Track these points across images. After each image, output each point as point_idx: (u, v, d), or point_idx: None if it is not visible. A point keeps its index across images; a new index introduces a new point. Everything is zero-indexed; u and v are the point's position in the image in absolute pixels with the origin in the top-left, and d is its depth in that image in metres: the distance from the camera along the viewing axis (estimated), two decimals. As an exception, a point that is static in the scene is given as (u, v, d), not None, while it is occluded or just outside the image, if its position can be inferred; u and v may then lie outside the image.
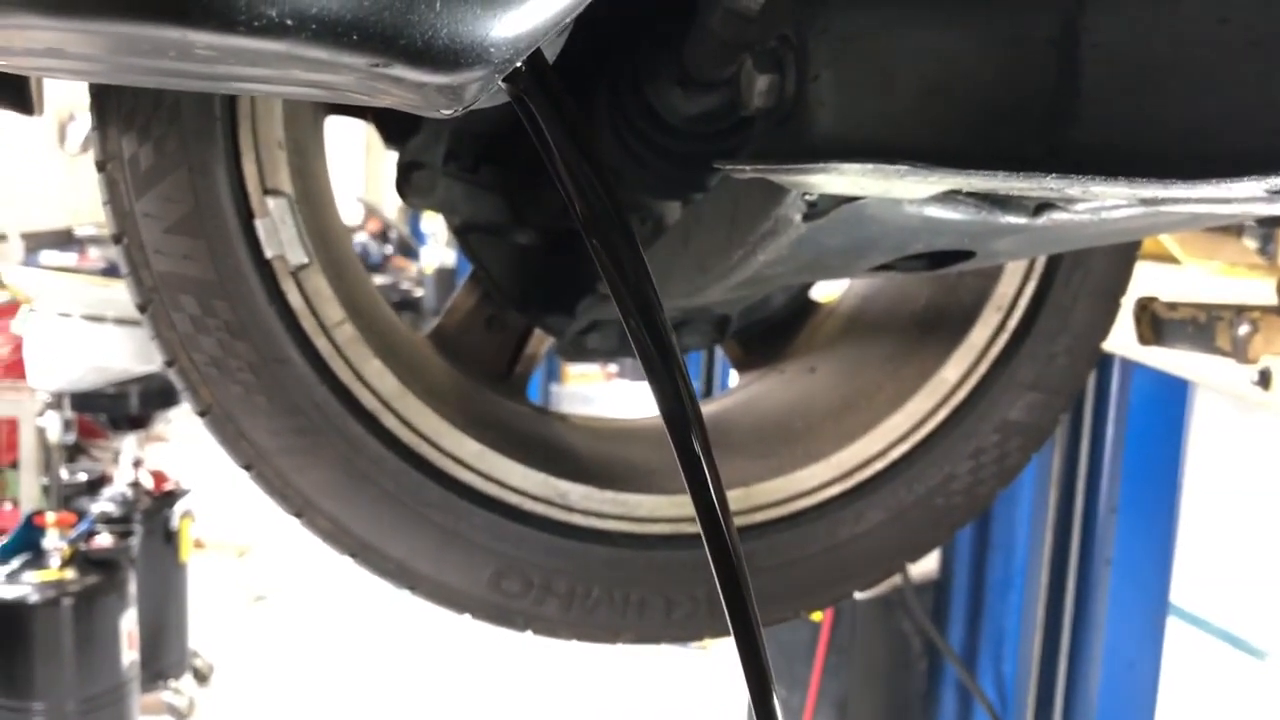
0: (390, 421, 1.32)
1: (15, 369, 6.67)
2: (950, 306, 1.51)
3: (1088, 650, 3.34)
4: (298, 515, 1.33)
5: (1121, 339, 1.63)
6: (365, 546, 1.33)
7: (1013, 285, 1.44)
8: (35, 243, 10.96)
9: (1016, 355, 1.44)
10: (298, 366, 1.28)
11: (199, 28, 0.39)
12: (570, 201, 0.56)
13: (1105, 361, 3.18)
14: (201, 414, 1.31)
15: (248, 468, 1.31)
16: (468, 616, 1.40)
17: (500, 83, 0.55)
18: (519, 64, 0.54)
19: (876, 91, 0.77)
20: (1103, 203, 0.84)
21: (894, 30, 0.77)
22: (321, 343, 1.29)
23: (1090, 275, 1.43)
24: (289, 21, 0.40)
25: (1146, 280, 1.87)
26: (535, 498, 1.37)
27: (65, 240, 11.22)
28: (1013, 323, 1.44)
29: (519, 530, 1.36)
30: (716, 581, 0.56)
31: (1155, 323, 1.64)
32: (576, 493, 1.39)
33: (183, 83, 0.52)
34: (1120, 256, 1.45)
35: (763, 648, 0.58)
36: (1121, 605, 3.27)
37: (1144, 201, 0.81)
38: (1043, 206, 0.89)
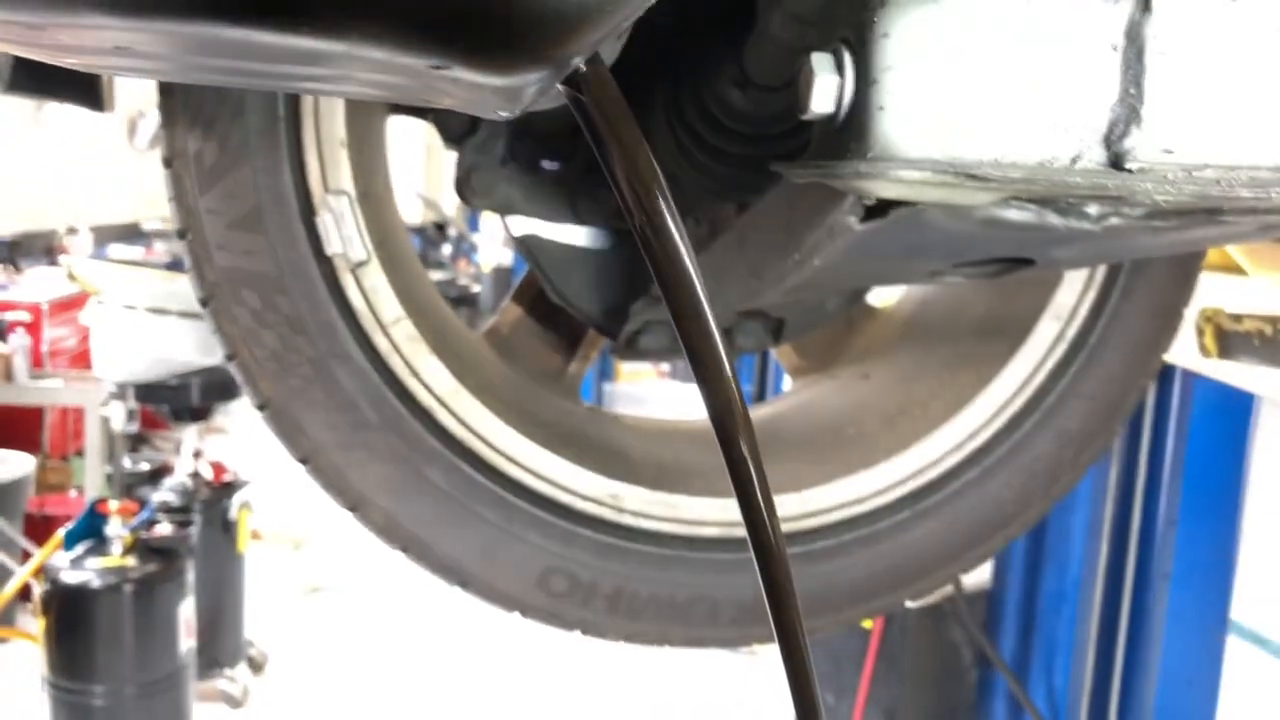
0: (445, 418, 1.33)
1: (82, 359, 6.82)
2: (1008, 315, 1.49)
3: (1143, 666, 3.29)
4: (352, 509, 1.35)
5: (1183, 351, 1.60)
6: (417, 542, 1.35)
7: (1072, 294, 1.42)
8: (104, 236, 11.18)
9: (1074, 365, 1.42)
10: (356, 362, 1.30)
11: (261, 27, 0.40)
12: (624, 204, 0.56)
13: (1166, 373, 3.13)
14: (260, 407, 1.33)
15: (304, 461, 1.33)
16: (517, 615, 1.40)
17: (558, 84, 0.55)
18: (577, 66, 0.54)
19: (936, 96, 0.76)
20: (1165, 211, 0.83)
21: (955, 35, 0.76)
22: (379, 339, 1.31)
23: (1152, 285, 1.41)
24: (350, 22, 0.41)
25: (1211, 291, 1.83)
26: (586, 497, 1.38)
27: (133, 234, 11.43)
28: (1071, 332, 1.42)
29: (568, 529, 1.36)
30: (761, 586, 0.56)
31: (1220, 335, 1.61)
32: (627, 493, 1.39)
33: (246, 81, 0.53)
34: (1183, 267, 1.43)
35: (807, 654, 0.58)
36: (1179, 621, 3.21)
37: (1208, 211, 0.80)
38: (1104, 214, 0.88)
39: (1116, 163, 0.74)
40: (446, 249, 13.05)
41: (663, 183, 0.56)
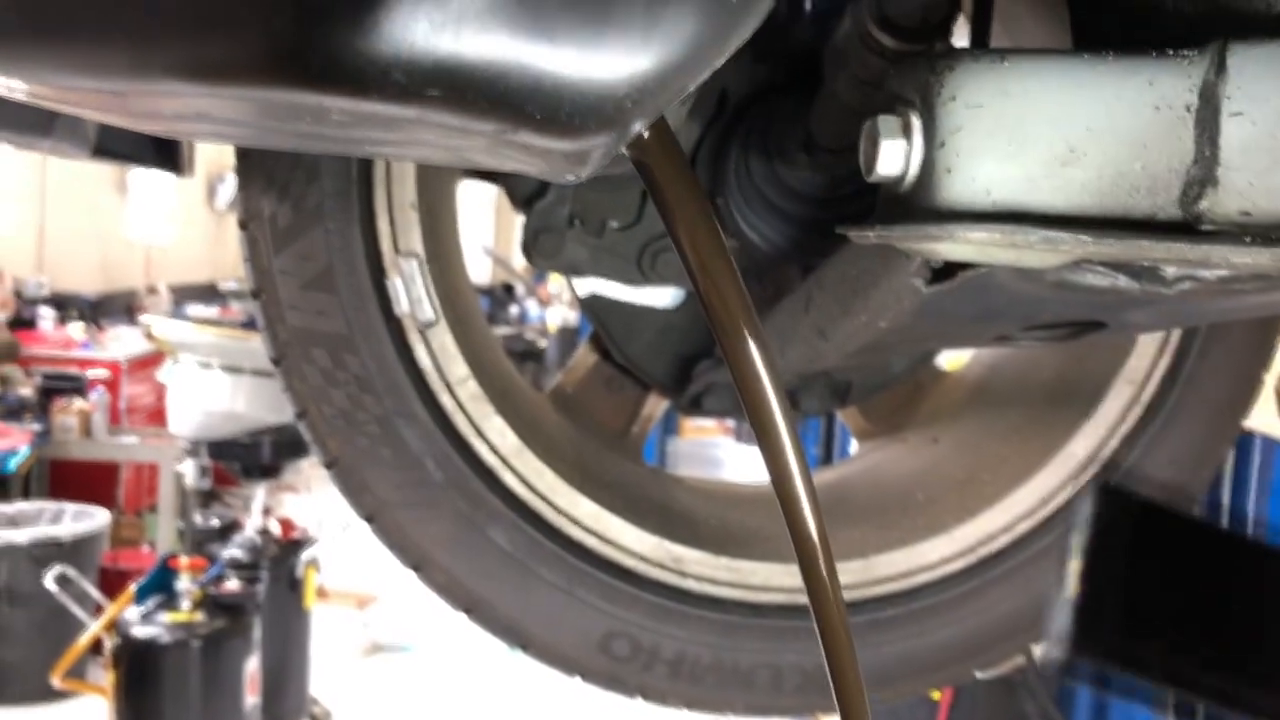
0: (508, 478, 1.34)
1: (158, 417, 6.98)
2: (1080, 379, 1.47)
3: (1227, 743, 3.16)
4: (415, 568, 1.35)
5: (1264, 416, 1.55)
6: (479, 603, 1.34)
7: (1146, 359, 1.39)
8: (182, 296, 11.49)
9: (1149, 431, 1.39)
10: (422, 421, 1.31)
11: (333, 93, 0.41)
12: (688, 267, 0.56)
13: (1246, 439, 3.04)
14: (328, 465, 1.34)
15: (369, 519, 1.34)
16: (578, 679, 1.39)
17: (623, 149, 0.56)
18: (642, 130, 0.55)
19: (1004, 158, 0.75)
20: (1241, 274, 0.81)
21: (1023, 96, 0.76)
22: (445, 399, 1.32)
23: (1230, 350, 1.37)
24: (419, 88, 0.42)
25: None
26: (648, 561, 1.37)
27: (210, 294, 11.74)
28: (1146, 397, 1.39)
29: (631, 593, 1.35)
30: (823, 656, 0.54)
31: (1301, 401, 1.57)
32: (690, 557, 1.38)
33: (319, 145, 0.55)
34: (1262, 330, 1.39)
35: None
36: (1265, 697, 3.09)
37: (1288, 274, 0.78)
38: (1180, 277, 0.86)
39: (1192, 225, 0.72)
40: (514, 309, 13.20)
41: (725, 247, 0.56)
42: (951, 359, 1.93)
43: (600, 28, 0.43)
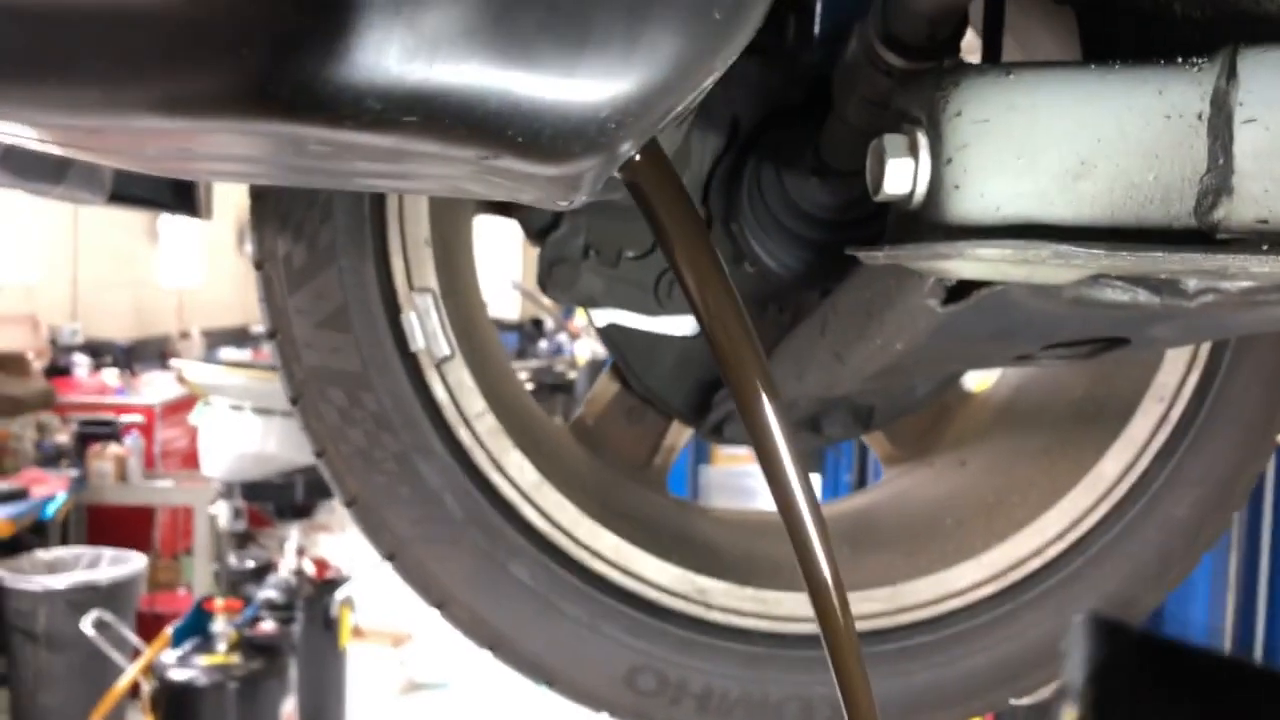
0: (529, 513, 1.32)
1: (192, 460, 7.02)
2: (1108, 397, 1.44)
3: (1277, 769, 3.08)
4: (438, 607, 1.34)
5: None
6: (502, 639, 1.33)
7: (1175, 374, 1.36)
8: (215, 340, 11.60)
9: (1181, 449, 1.36)
10: (440, 457, 1.30)
11: (308, 123, 0.40)
12: (685, 290, 0.55)
13: (1287, 455, 2.98)
14: (348, 504, 1.34)
15: (390, 558, 1.33)
16: (605, 714, 1.37)
17: (615, 173, 0.55)
18: (632, 153, 0.54)
19: (1013, 173, 0.74)
20: (1264, 285, 0.79)
21: (1031, 110, 0.74)
22: (463, 433, 1.31)
23: (1261, 362, 1.34)
24: (395, 115, 0.41)
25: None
26: (673, 593, 1.35)
27: (242, 337, 11.85)
28: (1176, 414, 1.36)
29: (655, 626, 1.33)
30: (837, 689, 0.53)
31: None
32: (715, 589, 1.36)
33: (308, 179, 0.54)
34: (1294, 342, 1.36)
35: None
36: (1315, 719, 3.01)
37: (1311, 283, 0.76)
38: (1201, 290, 0.84)
39: (1208, 235, 0.70)
40: (544, 344, 13.22)
41: (722, 267, 0.55)
42: (979, 380, 1.91)
43: (578, 49, 0.43)
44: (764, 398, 0.53)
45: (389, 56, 0.40)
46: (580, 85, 0.44)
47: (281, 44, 0.39)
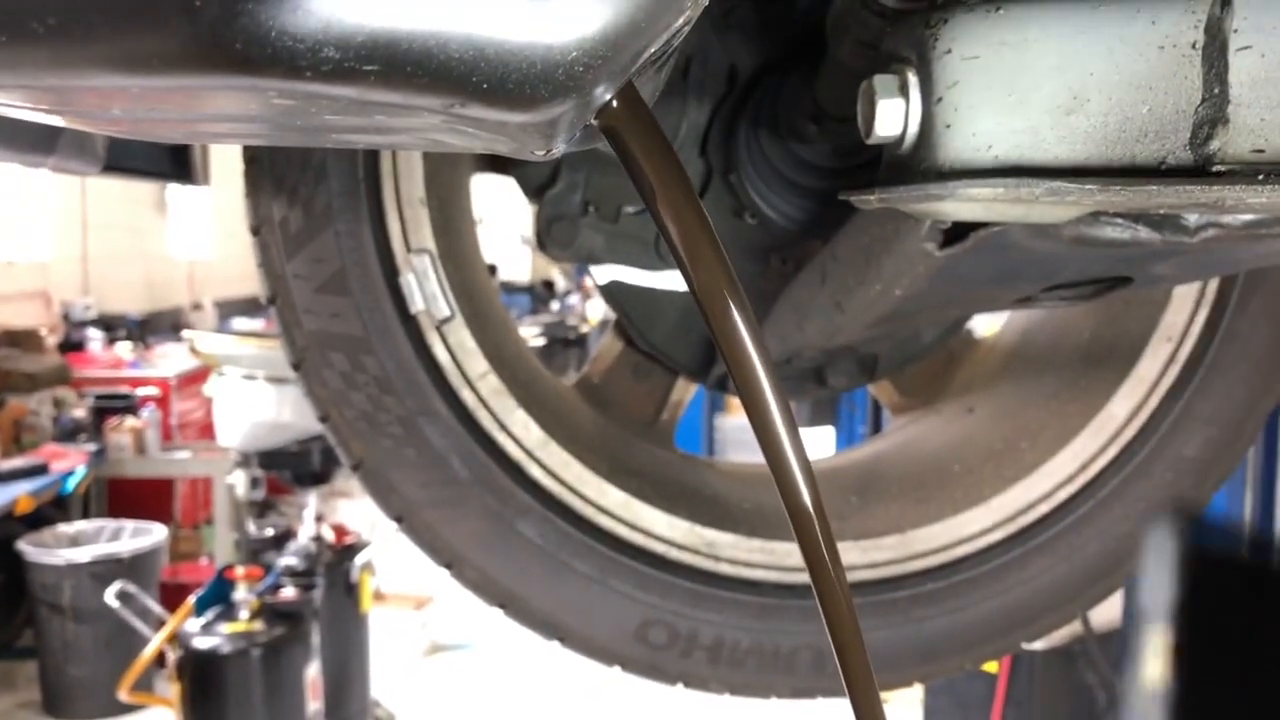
0: (535, 471, 1.32)
1: (209, 431, 7.06)
2: (1116, 338, 1.43)
3: (1295, 707, 3.08)
4: (448, 567, 1.35)
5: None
6: (513, 598, 1.33)
7: (1183, 313, 1.35)
8: (227, 311, 11.63)
9: (1190, 388, 1.35)
10: (444, 419, 1.30)
11: (264, 75, 0.39)
12: (667, 238, 0.54)
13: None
14: (354, 468, 1.34)
15: (398, 520, 1.33)
16: (618, 669, 1.38)
17: (593, 119, 0.54)
18: (609, 99, 0.53)
19: (1005, 110, 0.73)
20: (1266, 218, 0.77)
21: (1022, 45, 0.73)
22: (467, 394, 1.30)
23: (1269, 298, 1.33)
24: (355, 64, 0.40)
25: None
26: (681, 546, 1.35)
27: (254, 307, 11.87)
28: (1184, 353, 1.35)
29: (665, 580, 1.33)
30: (830, 639, 0.52)
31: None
32: (723, 541, 1.36)
33: (281, 137, 0.53)
34: (1303, 277, 1.34)
35: (879, 707, 0.54)
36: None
37: (1310, 213, 0.74)
38: (1202, 224, 0.83)
39: (1203, 167, 0.69)
40: (555, 305, 13.20)
41: (704, 214, 0.54)
42: (987, 325, 1.89)
43: (541, -10, 0.41)
44: (747, 341, 0.52)
45: (345, 3, 0.39)
46: (545, 27, 0.43)
47: (234, -6, 0.38)
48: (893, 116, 0.77)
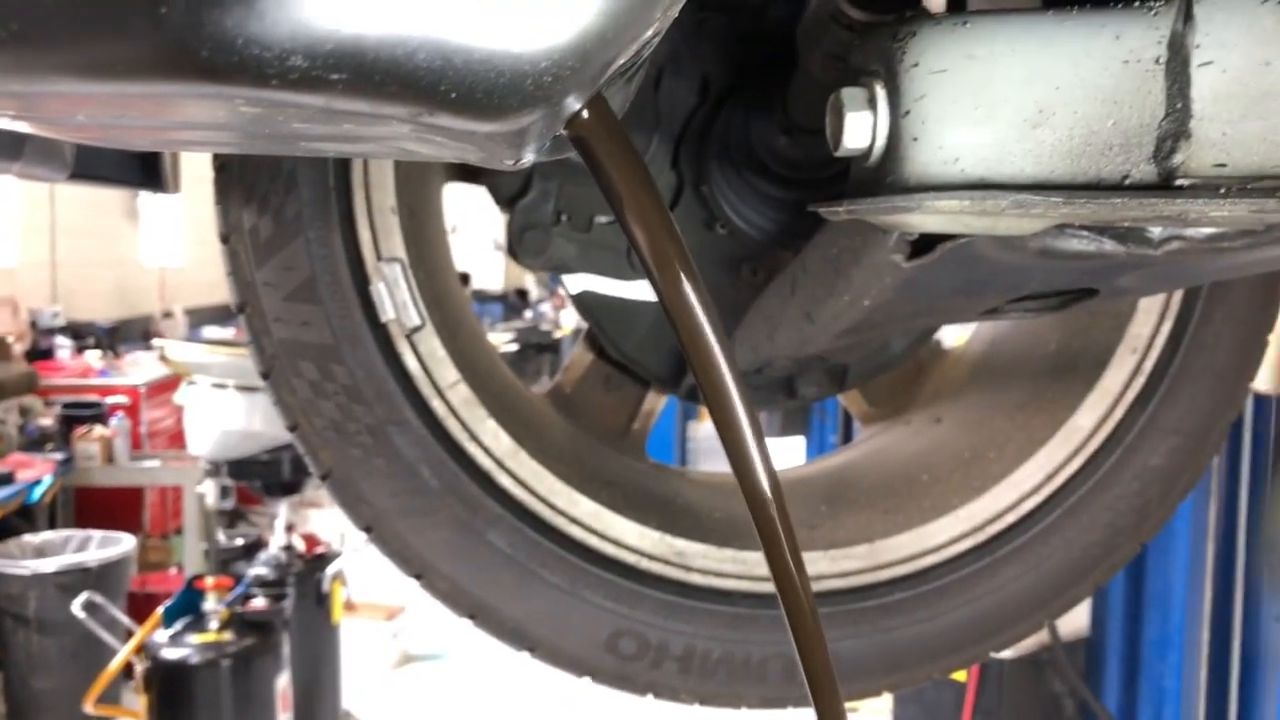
0: (505, 481, 1.32)
1: (179, 440, 7.00)
2: (1082, 350, 1.44)
3: (1258, 713, 3.12)
4: (417, 577, 1.34)
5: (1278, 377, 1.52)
6: (482, 608, 1.33)
7: (1148, 325, 1.36)
8: (198, 318, 11.55)
9: (1155, 398, 1.36)
10: (414, 428, 1.30)
11: (231, 83, 0.39)
12: (636, 247, 0.54)
13: (1263, 401, 3.00)
14: (323, 477, 1.33)
15: (367, 530, 1.32)
16: (588, 680, 1.37)
17: (562, 129, 0.54)
18: (579, 110, 0.53)
19: (972, 123, 0.73)
20: (1228, 231, 0.79)
21: (989, 59, 0.74)
22: (436, 404, 1.30)
23: (1232, 311, 1.34)
24: (322, 72, 0.40)
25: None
26: (652, 556, 1.35)
27: (225, 315, 11.79)
28: (1149, 364, 1.36)
29: (635, 590, 1.33)
30: (795, 647, 0.53)
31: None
32: (694, 551, 1.36)
33: (250, 145, 0.53)
34: (1265, 290, 1.36)
35: (840, 703, 0.54)
36: (1297, 664, 3.04)
37: (1270, 227, 0.75)
38: (1166, 237, 0.84)
39: (1167, 180, 0.70)
40: (529, 314, 13.19)
41: (673, 224, 0.54)
42: (955, 335, 1.91)
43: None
44: (715, 349, 0.52)
45: (312, 10, 0.39)
46: (514, 37, 0.43)
47: (199, 0, 0.38)
48: (861, 129, 0.78)
